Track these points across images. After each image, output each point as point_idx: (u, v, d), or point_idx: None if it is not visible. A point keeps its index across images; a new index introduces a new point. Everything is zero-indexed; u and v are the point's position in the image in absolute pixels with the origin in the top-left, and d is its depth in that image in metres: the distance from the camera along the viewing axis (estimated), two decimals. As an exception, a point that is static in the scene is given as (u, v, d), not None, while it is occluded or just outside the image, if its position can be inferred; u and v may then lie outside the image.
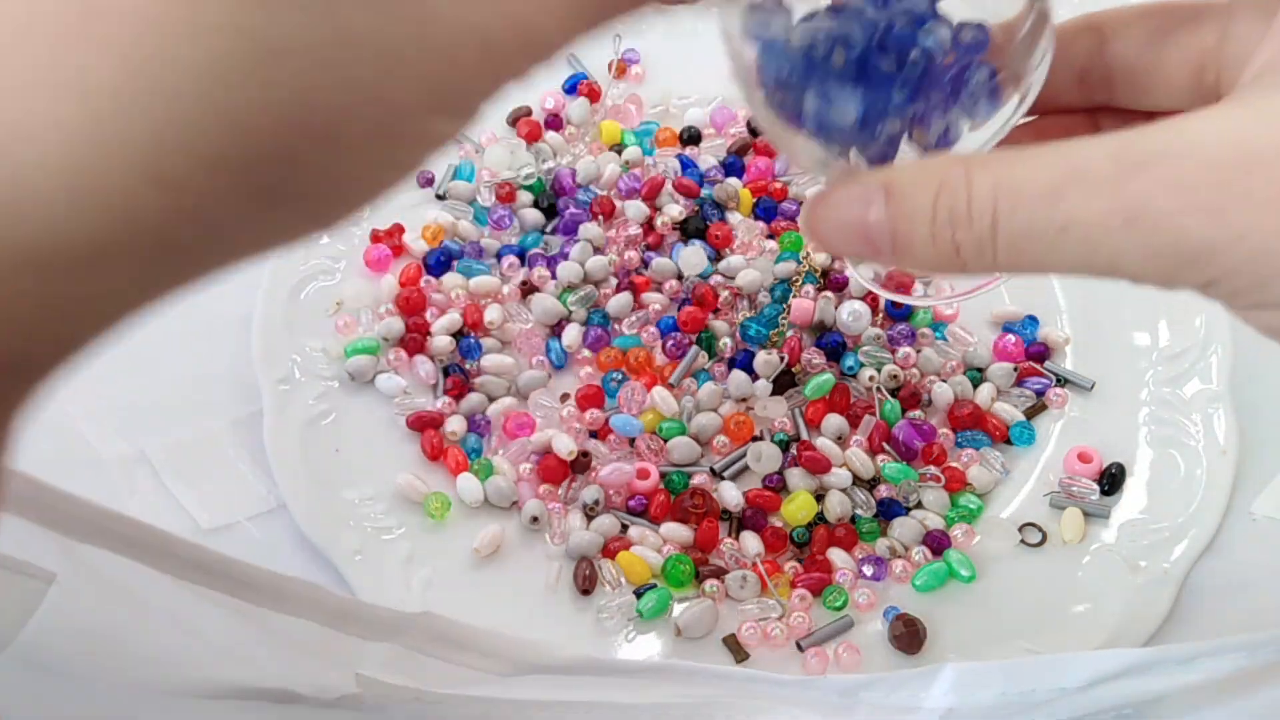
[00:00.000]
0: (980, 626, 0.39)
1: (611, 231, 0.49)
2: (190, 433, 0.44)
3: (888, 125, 0.23)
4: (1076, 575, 0.40)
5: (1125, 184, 0.20)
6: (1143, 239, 0.20)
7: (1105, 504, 0.42)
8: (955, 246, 0.21)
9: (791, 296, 0.46)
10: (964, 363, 0.46)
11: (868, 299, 0.46)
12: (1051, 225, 0.20)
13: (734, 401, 0.45)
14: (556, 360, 0.46)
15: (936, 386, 0.45)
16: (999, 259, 0.21)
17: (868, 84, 0.23)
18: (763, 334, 0.46)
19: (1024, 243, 0.21)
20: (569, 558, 0.41)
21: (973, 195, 0.21)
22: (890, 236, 0.22)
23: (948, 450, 0.44)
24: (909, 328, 0.46)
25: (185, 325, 0.47)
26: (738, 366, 0.45)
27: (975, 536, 0.41)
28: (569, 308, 0.47)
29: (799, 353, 0.45)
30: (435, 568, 0.41)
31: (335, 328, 0.46)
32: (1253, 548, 0.41)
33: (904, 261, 0.23)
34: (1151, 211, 0.20)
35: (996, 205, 0.21)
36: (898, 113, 0.23)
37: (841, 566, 0.41)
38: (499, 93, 0.21)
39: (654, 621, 0.40)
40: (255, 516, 0.42)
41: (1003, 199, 0.21)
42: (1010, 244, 0.21)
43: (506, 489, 0.42)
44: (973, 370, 0.45)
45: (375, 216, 0.50)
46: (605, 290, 0.48)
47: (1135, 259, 0.20)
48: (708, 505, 0.42)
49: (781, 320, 0.46)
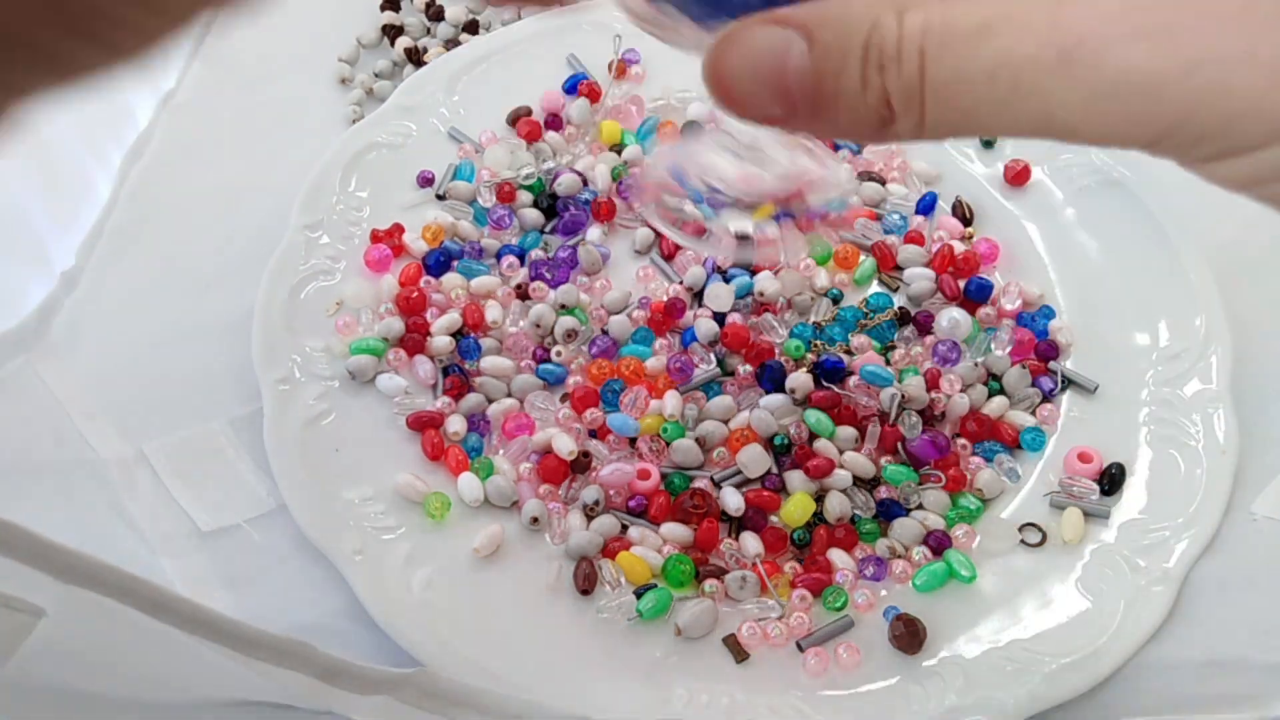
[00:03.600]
0: (980, 627, 0.39)
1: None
2: (190, 433, 0.44)
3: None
4: (1076, 575, 0.40)
5: (1059, 12, 0.17)
6: (1080, 78, 0.17)
7: (1105, 504, 0.42)
8: (885, 97, 0.19)
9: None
10: (986, 369, 0.45)
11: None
12: (980, 70, 0.18)
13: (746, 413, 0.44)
14: (548, 378, 0.46)
15: (955, 399, 0.44)
16: (927, 112, 0.19)
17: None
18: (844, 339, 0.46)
19: (952, 91, 0.18)
20: (569, 558, 0.41)
21: (903, 34, 0.18)
22: (812, 87, 0.19)
23: (960, 457, 0.44)
24: (953, 343, 0.46)
25: (185, 325, 0.47)
26: (765, 380, 0.45)
27: (975, 537, 0.41)
28: (560, 346, 0.46)
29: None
30: (435, 568, 0.41)
31: (335, 328, 0.47)
32: (1253, 548, 0.41)
33: (824, 119, 0.20)
34: (1090, 42, 0.17)
35: (924, 46, 0.18)
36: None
37: (841, 567, 0.41)
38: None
39: (654, 622, 0.40)
40: (255, 518, 0.42)
41: (930, 38, 0.18)
42: (937, 93, 0.18)
43: (506, 489, 0.42)
44: (993, 381, 0.45)
45: (375, 216, 0.50)
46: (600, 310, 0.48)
47: (1073, 105, 0.18)
48: (708, 506, 0.42)
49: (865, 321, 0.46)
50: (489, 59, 0.55)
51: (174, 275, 0.49)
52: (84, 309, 0.48)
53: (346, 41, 0.59)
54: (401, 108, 0.53)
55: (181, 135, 0.54)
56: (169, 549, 0.41)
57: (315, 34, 0.59)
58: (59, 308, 0.48)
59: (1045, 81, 0.18)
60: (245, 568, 0.41)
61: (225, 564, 0.41)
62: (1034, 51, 0.17)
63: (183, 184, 0.53)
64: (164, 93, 0.56)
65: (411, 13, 0.61)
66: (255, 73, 0.57)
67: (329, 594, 0.40)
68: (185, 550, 0.41)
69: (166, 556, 0.41)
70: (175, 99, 0.56)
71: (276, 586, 0.41)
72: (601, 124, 0.53)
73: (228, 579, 0.41)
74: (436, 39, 0.60)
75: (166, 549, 0.41)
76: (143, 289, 0.49)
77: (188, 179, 0.53)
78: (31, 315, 0.47)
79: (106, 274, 0.49)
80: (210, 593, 0.40)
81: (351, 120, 0.55)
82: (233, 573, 0.41)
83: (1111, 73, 0.17)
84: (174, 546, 0.41)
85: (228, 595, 0.40)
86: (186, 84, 0.57)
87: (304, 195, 0.50)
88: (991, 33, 0.18)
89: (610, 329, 0.47)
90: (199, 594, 0.40)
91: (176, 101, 0.56)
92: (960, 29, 0.18)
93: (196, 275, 0.49)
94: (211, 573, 0.41)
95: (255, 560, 0.41)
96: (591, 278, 0.49)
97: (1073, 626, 0.39)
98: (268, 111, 0.56)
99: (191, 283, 0.49)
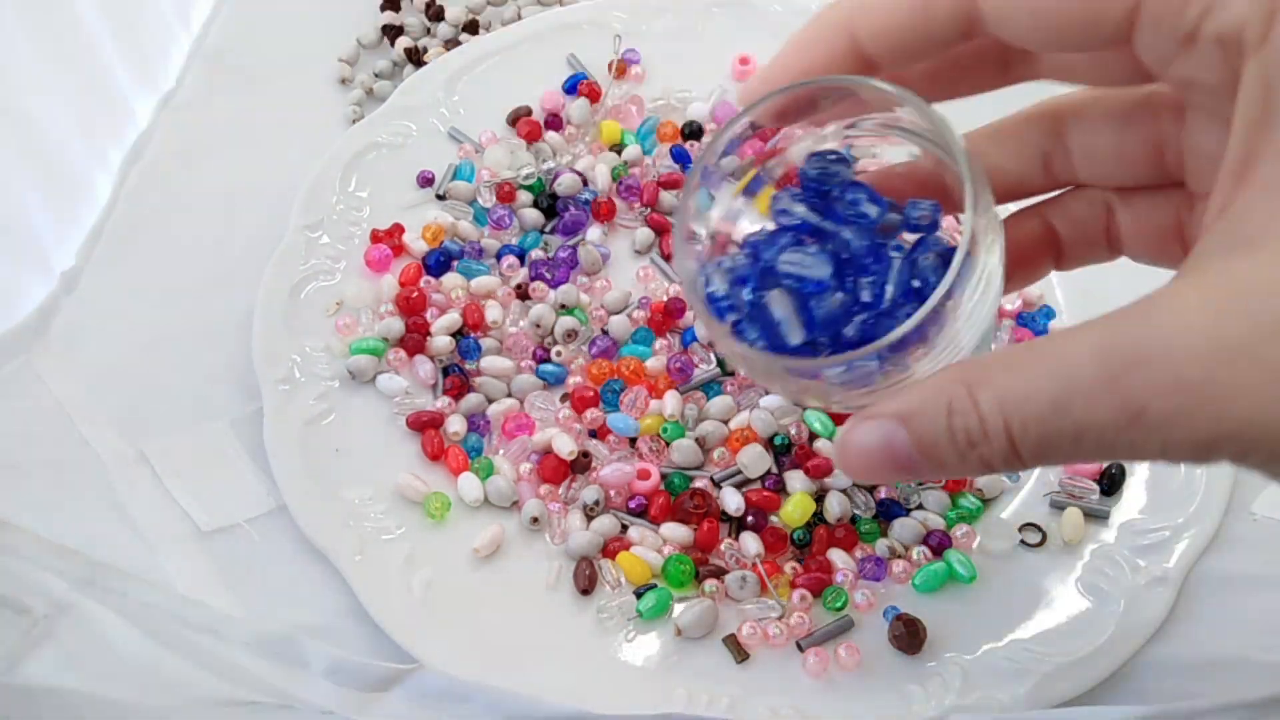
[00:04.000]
0: (980, 627, 0.39)
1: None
2: (190, 433, 0.44)
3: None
4: (1076, 575, 0.40)
5: (1119, 387, 0.20)
6: (1153, 434, 0.21)
7: (1105, 504, 0.42)
8: (983, 462, 0.22)
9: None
10: None
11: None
12: (1065, 436, 0.21)
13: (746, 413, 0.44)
14: (548, 378, 0.46)
15: None
16: (1028, 464, 0.22)
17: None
18: None
19: (1046, 450, 0.22)
20: (569, 558, 0.41)
21: (983, 415, 0.22)
22: (921, 461, 0.23)
23: None
24: None
25: (185, 325, 0.47)
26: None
27: (975, 537, 0.41)
28: (559, 345, 0.46)
29: None
30: (435, 568, 0.41)
31: (335, 328, 0.47)
32: (1253, 547, 0.41)
33: (943, 476, 0.24)
34: (1153, 411, 0.20)
35: (1008, 425, 0.21)
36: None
37: (841, 567, 0.41)
38: None
39: (654, 622, 0.40)
40: (255, 517, 0.42)
41: (1012, 420, 0.21)
42: (1033, 453, 0.22)
43: (506, 489, 0.42)
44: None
45: (375, 216, 0.50)
46: (600, 311, 0.48)
47: (1155, 449, 0.21)
48: (708, 506, 0.42)
49: None
50: (489, 59, 0.55)
51: (174, 275, 0.49)
52: (84, 309, 0.48)
53: (346, 41, 0.59)
54: (401, 108, 0.53)
55: (181, 135, 0.54)
56: (169, 549, 0.41)
57: (315, 34, 0.59)
58: (59, 308, 0.48)
59: (1126, 436, 0.21)
60: (245, 568, 0.41)
61: (225, 564, 0.41)
62: (1109, 419, 0.21)
63: (183, 184, 0.53)
64: (164, 93, 0.56)
65: (411, 13, 0.61)
66: (255, 73, 0.57)
67: (329, 594, 0.40)
68: (185, 550, 0.41)
69: (166, 556, 0.41)
70: (175, 99, 0.56)
71: (276, 586, 0.41)
72: (601, 124, 0.53)
73: (228, 579, 0.41)
74: (436, 39, 0.60)
75: (166, 549, 0.41)
76: (143, 289, 0.49)
77: (188, 179, 0.53)
78: (31, 315, 0.47)
79: (106, 274, 0.49)
80: (210, 592, 0.40)
81: (351, 120, 0.55)
82: (233, 573, 0.41)
83: (1182, 432, 0.20)
84: (174, 546, 0.41)
85: (228, 595, 0.40)
86: (186, 84, 0.57)
87: (304, 195, 0.50)
88: (1065, 410, 0.21)
89: (610, 329, 0.47)
90: (199, 594, 0.40)
91: (176, 101, 0.56)
92: (1035, 409, 0.21)
93: (197, 275, 0.49)
94: (211, 572, 0.41)
95: (255, 560, 0.41)
96: (591, 278, 0.49)
97: (1073, 626, 0.39)
98: (268, 111, 0.56)
99: (192, 283, 0.49)
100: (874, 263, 0.26)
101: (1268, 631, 0.39)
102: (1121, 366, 0.20)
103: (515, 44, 0.56)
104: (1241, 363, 0.20)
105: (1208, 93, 0.23)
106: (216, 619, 0.31)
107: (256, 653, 0.31)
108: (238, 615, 0.39)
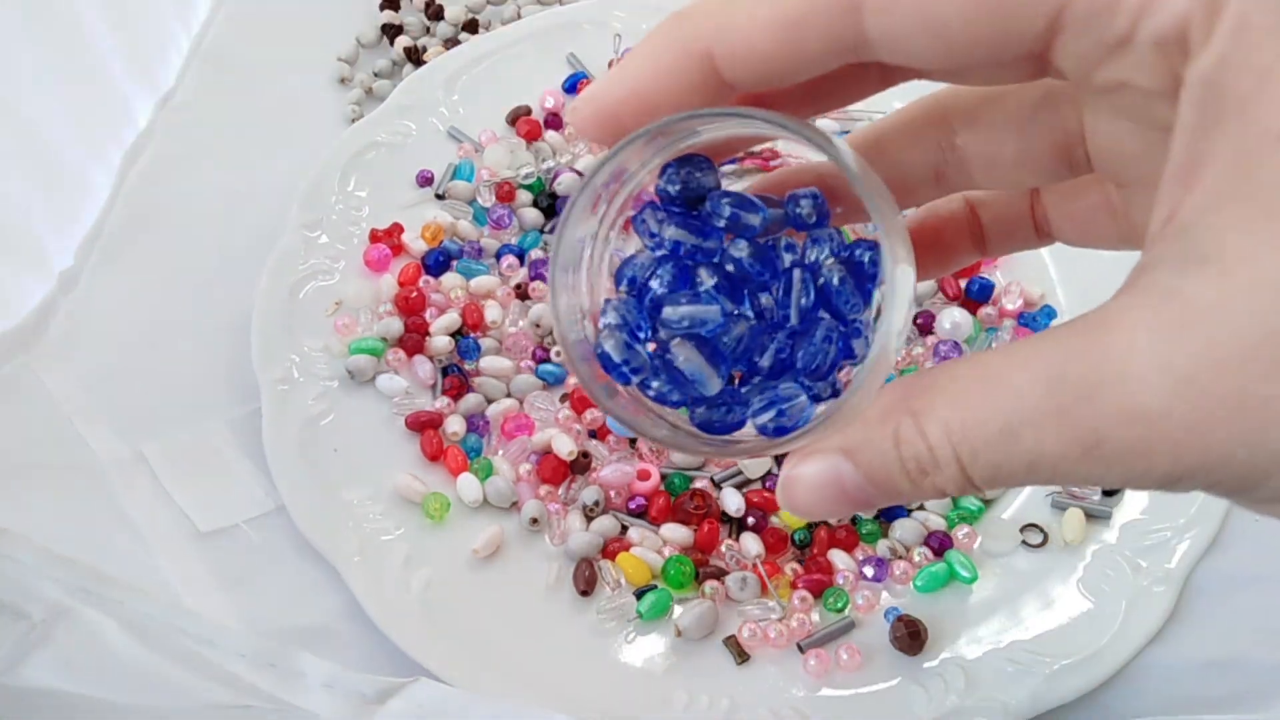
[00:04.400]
0: (982, 628, 0.39)
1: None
2: (188, 434, 0.44)
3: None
4: (1078, 576, 0.40)
5: (1071, 418, 0.20)
6: (1111, 466, 0.20)
7: (1107, 504, 0.42)
8: (936, 489, 0.21)
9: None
10: None
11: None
12: (1018, 463, 0.20)
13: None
14: (548, 378, 0.46)
15: None
16: (984, 490, 0.22)
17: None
18: None
19: (1000, 478, 0.21)
20: (569, 558, 0.41)
21: (931, 445, 0.21)
22: (873, 493, 0.22)
23: None
24: (954, 344, 0.46)
25: (184, 326, 0.47)
26: None
27: (977, 538, 0.41)
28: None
29: None
30: (434, 569, 0.40)
31: (334, 327, 0.46)
32: (1254, 548, 0.40)
33: (898, 503, 0.23)
34: (1111, 443, 0.19)
35: (957, 453, 0.21)
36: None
37: (842, 568, 0.41)
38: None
39: (654, 622, 0.39)
40: (254, 518, 0.42)
41: (961, 448, 0.20)
42: (986, 481, 0.21)
43: (506, 489, 0.42)
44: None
45: (375, 216, 0.50)
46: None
47: (1114, 479, 0.20)
48: (708, 506, 0.42)
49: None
50: (489, 58, 0.55)
51: (173, 275, 0.49)
52: (82, 309, 0.48)
53: (346, 41, 0.59)
54: (401, 107, 0.53)
55: (181, 135, 0.54)
56: (167, 550, 0.41)
57: (315, 34, 0.59)
58: (57, 308, 0.47)
59: (1082, 468, 0.20)
60: (244, 568, 0.41)
61: (224, 564, 0.41)
62: (1062, 449, 0.20)
63: (182, 184, 0.52)
64: (164, 93, 0.56)
65: (411, 12, 0.61)
66: (255, 73, 0.57)
67: (328, 595, 0.40)
68: (184, 551, 0.41)
69: (165, 557, 0.41)
70: (175, 99, 0.56)
71: (275, 587, 0.40)
72: (601, 124, 0.53)
73: (226, 579, 0.41)
74: (436, 38, 0.60)
75: (165, 549, 0.41)
76: (141, 289, 0.49)
77: (187, 179, 0.53)
78: (30, 315, 0.47)
79: (105, 274, 0.49)
80: (208, 593, 0.40)
81: (351, 120, 0.55)
82: (231, 573, 0.41)
83: (1140, 465, 0.20)
84: (172, 547, 0.41)
85: (226, 596, 0.40)
86: (186, 84, 0.57)
87: (303, 195, 0.49)
88: (1015, 438, 0.20)
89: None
90: (197, 595, 0.40)
91: (176, 101, 0.56)
92: (984, 436, 0.20)
93: (195, 275, 0.49)
94: (210, 573, 0.41)
95: (254, 561, 0.41)
96: (591, 278, 0.49)
97: (1074, 627, 0.39)
98: (268, 111, 0.56)
99: (190, 283, 0.49)
100: (770, 277, 0.24)
101: (1269, 632, 0.39)
102: (1072, 398, 0.20)
103: (515, 43, 0.56)
104: (1197, 396, 0.19)
105: (1140, 95, 0.21)
106: (214, 630, 0.31)
107: (252, 664, 0.30)
108: (236, 619, 0.39)
